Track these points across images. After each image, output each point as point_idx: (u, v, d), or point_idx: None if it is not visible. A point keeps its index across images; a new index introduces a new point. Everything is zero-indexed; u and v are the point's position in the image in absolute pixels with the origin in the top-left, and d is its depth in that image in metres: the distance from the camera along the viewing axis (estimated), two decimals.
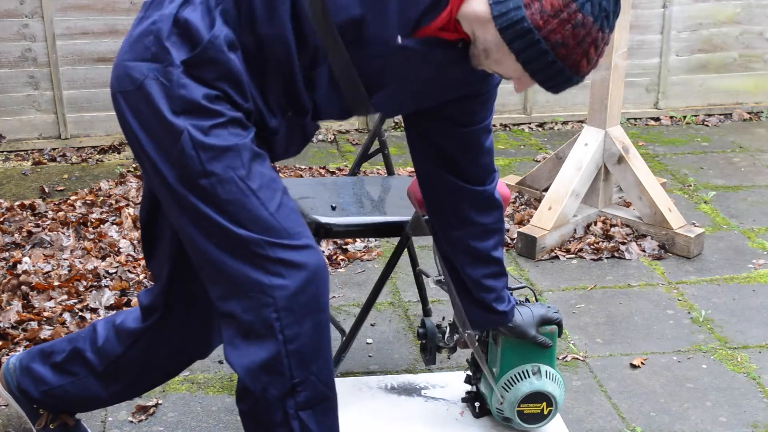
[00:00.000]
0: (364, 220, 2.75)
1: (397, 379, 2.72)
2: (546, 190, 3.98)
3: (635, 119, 5.45)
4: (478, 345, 2.51)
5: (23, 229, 3.79)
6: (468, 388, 2.58)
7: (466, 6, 1.83)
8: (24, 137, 4.84)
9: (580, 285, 3.53)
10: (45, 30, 4.69)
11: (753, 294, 3.47)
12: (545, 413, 2.46)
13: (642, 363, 3.01)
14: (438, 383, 2.70)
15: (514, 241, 3.81)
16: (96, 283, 3.37)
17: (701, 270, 3.65)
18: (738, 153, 4.95)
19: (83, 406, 2.44)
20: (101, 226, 3.85)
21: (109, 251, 3.61)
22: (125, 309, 2.87)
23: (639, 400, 2.83)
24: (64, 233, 3.74)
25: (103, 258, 3.57)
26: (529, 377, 2.43)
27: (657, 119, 5.46)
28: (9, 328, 3.06)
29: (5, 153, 4.79)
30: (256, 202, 1.88)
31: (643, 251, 3.77)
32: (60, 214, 3.94)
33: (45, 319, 3.12)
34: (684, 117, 5.46)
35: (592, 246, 3.78)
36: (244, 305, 1.89)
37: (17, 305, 3.17)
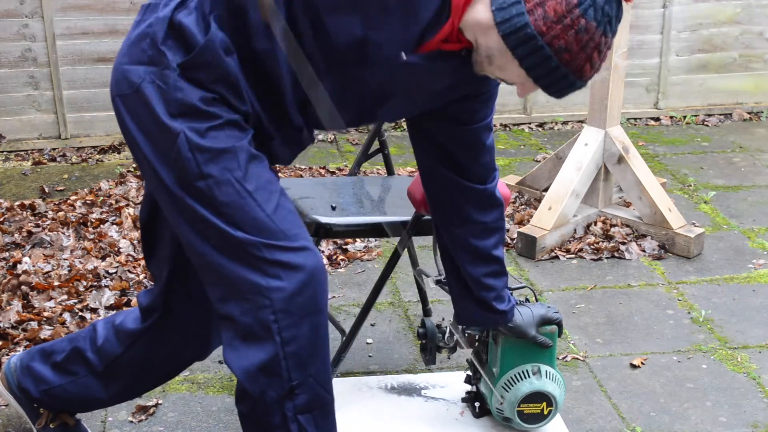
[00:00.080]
0: (364, 220, 2.75)
1: (397, 379, 2.72)
2: (546, 190, 3.98)
3: (635, 119, 5.45)
4: (477, 345, 2.52)
5: (23, 229, 3.79)
6: (468, 388, 2.58)
7: (468, 15, 1.83)
8: (24, 137, 4.84)
9: (580, 285, 3.53)
10: (45, 30, 4.69)
11: (753, 294, 3.47)
12: (545, 413, 2.46)
13: (642, 363, 3.01)
14: (438, 383, 2.70)
15: (514, 241, 3.81)
16: (96, 283, 3.37)
17: (701, 270, 3.65)
18: (738, 153, 4.95)
19: (83, 406, 2.44)
20: (101, 226, 3.85)
21: (109, 251, 3.61)
22: (125, 309, 2.87)
23: (639, 400, 2.83)
24: (64, 233, 3.74)
25: (103, 258, 3.57)
26: (529, 377, 2.43)
27: (657, 119, 5.46)
28: (9, 328, 3.06)
29: (5, 153, 4.79)
30: (252, 203, 1.88)
31: (643, 251, 3.77)
32: (60, 214, 3.94)
33: (45, 319, 3.12)
34: (684, 117, 5.46)
35: (592, 246, 3.78)
36: (242, 307, 1.89)
37: (17, 305, 3.18)
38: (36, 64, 4.75)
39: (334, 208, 2.78)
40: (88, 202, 4.10)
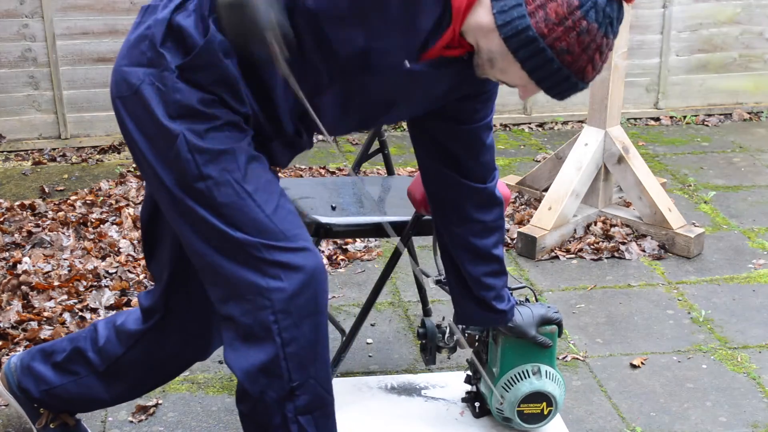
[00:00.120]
0: (364, 220, 2.75)
1: (397, 379, 2.72)
2: (546, 190, 3.98)
3: (635, 119, 5.45)
4: (477, 345, 2.52)
5: (23, 229, 3.79)
6: (468, 388, 2.58)
7: (469, 19, 1.83)
8: (24, 137, 4.84)
9: (580, 285, 3.53)
10: (45, 30, 4.69)
11: (753, 294, 3.47)
12: (545, 413, 2.46)
13: (642, 363, 3.01)
14: (438, 383, 2.70)
15: (514, 241, 3.81)
16: (96, 283, 3.37)
17: (701, 270, 3.65)
18: (738, 153, 4.95)
19: (84, 406, 2.44)
20: (101, 226, 3.85)
21: (109, 251, 3.61)
22: (125, 309, 2.88)
23: (639, 400, 2.83)
24: (64, 233, 3.74)
25: (103, 258, 3.57)
26: (529, 377, 2.43)
27: (657, 119, 5.46)
28: (9, 328, 3.06)
29: (5, 153, 4.79)
30: (252, 204, 1.88)
31: (643, 251, 3.77)
32: (60, 214, 3.94)
33: (45, 319, 3.12)
34: (684, 117, 5.46)
35: (592, 246, 3.78)
36: (242, 308, 1.89)
37: (17, 305, 3.18)
38: (36, 64, 4.75)
39: (334, 208, 2.78)
40: (88, 202, 4.10)
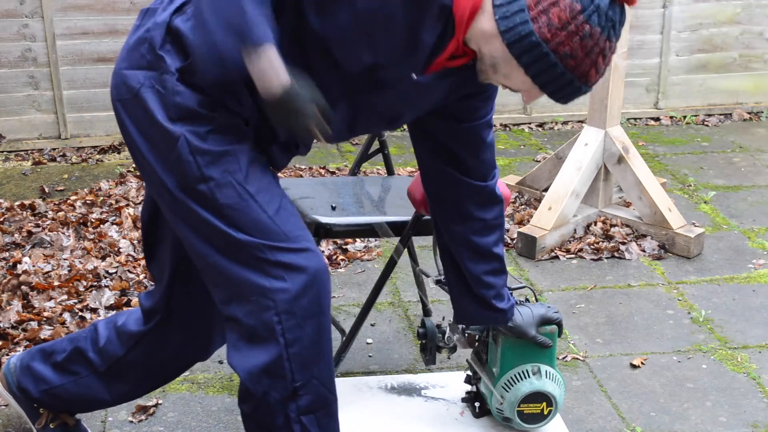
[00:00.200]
0: (364, 220, 2.75)
1: (397, 379, 2.72)
2: (546, 190, 3.98)
3: (635, 119, 5.45)
4: (477, 345, 2.52)
5: (23, 229, 3.79)
6: (468, 388, 2.58)
7: (472, 27, 1.84)
8: (24, 137, 4.84)
9: (580, 285, 3.53)
10: (45, 30, 4.69)
11: (753, 294, 3.47)
12: (545, 413, 2.46)
13: (642, 363, 3.01)
14: (438, 383, 2.70)
15: (514, 241, 3.81)
16: (96, 283, 3.37)
17: (701, 270, 3.65)
18: (738, 153, 4.95)
19: (84, 406, 2.44)
20: (101, 226, 3.85)
21: (109, 251, 3.61)
22: (125, 309, 2.88)
23: (639, 400, 2.83)
24: (64, 233, 3.74)
25: (103, 258, 3.57)
26: (529, 377, 2.43)
27: (657, 119, 5.46)
28: (9, 328, 3.06)
29: (5, 153, 4.79)
30: (254, 205, 1.88)
31: (643, 251, 3.77)
32: (60, 214, 3.94)
33: (45, 319, 3.12)
34: (684, 117, 5.46)
35: (592, 246, 3.78)
36: (245, 309, 1.89)
37: (17, 305, 3.18)
38: (36, 64, 4.74)
39: (334, 208, 2.78)
40: (88, 202, 4.10)
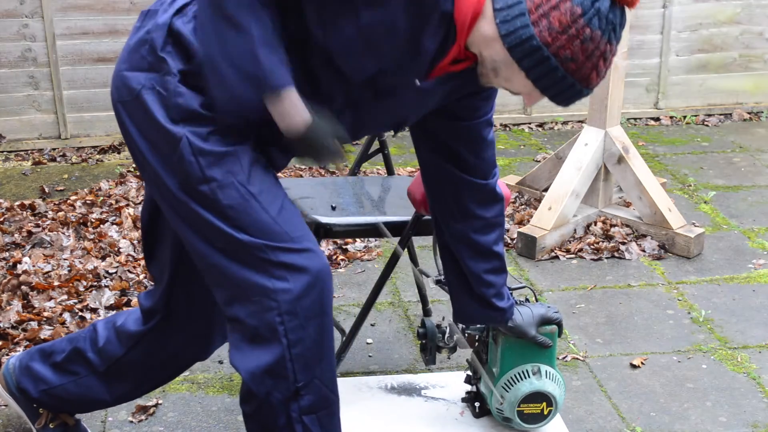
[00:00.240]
0: (364, 220, 2.75)
1: (397, 379, 2.72)
2: (546, 190, 3.98)
3: (635, 119, 5.45)
4: (477, 345, 2.52)
5: (23, 229, 3.79)
6: (468, 388, 2.58)
7: (473, 32, 1.84)
8: (24, 137, 4.84)
9: (580, 285, 3.53)
10: (45, 30, 4.69)
11: (753, 294, 3.47)
12: (545, 413, 2.46)
13: (642, 363, 3.01)
14: (438, 383, 2.70)
15: (514, 241, 3.81)
16: (96, 283, 3.37)
17: (701, 270, 3.65)
18: (738, 153, 4.95)
19: (84, 406, 2.44)
20: (101, 226, 3.85)
21: (109, 251, 3.61)
22: (125, 309, 2.88)
23: (639, 400, 2.83)
24: (64, 233, 3.74)
25: (103, 258, 3.57)
26: (529, 377, 2.43)
27: (657, 119, 5.46)
28: (9, 328, 3.06)
29: (5, 153, 4.79)
30: (257, 206, 1.88)
31: (643, 251, 3.77)
32: (60, 214, 3.94)
33: (45, 319, 3.12)
34: (684, 117, 5.46)
35: (592, 246, 3.78)
36: (248, 309, 1.89)
37: (17, 305, 3.18)
38: (36, 64, 4.75)
39: (334, 208, 2.78)
40: (88, 202, 4.10)
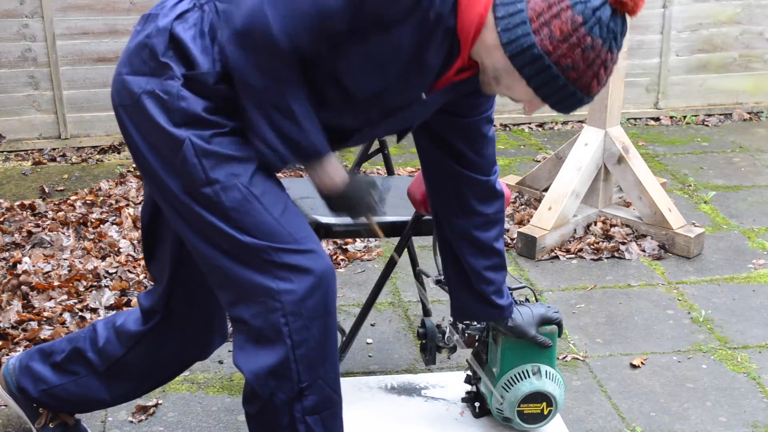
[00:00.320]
0: (363, 219, 2.74)
1: (397, 379, 2.72)
2: (546, 190, 3.98)
3: (635, 119, 5.45)
4: (477, 345, 2.52)
5: (23, 229, 3.79)
6: (468, 388, 2.58)
7: (476, 43, 1.85)
8: (24, 137, 4.84)
9: (580, 285, 3.53)
10: (45, 30, 4.69)
11: (753, 294, 3.47)
12: (545, 413, 2.46)
13: (642, 363, 3.01)
14: (438, 383, 2.70)
15: (514, 241, 3.81)
16: (96, 283, 3.37)
17: (701, 270, 3.65)
18: (738, 153, 4.95)
19: (84, 406, 2.44)
20: (101, 226, 3.85)
21: (109, 251, 3.61)
22: (125, 309, 2.88)
23: (639, 400, 2.83)
24: (64, 233, 3.74)
25: (103, 258, 3.57)
26: (529, 377, 2.43)
27: (657, 119, 5.46)
28: (9, 328, 3.06)
29: (5, 153, 4.79)
30: (260, 207, 1.89)
31: (643, 251, 3.77)
32: (60, 214, 3.94)
33: (45, 319, 3.12)
34: (684, 117, 5.46)
35: (592, 246, 3.78)
36: (252, 310, 1.90)
37: (17, 305, 3.18)
38: (36, 64, 4.75)
39: None
40: (88, 202, 4.10)
